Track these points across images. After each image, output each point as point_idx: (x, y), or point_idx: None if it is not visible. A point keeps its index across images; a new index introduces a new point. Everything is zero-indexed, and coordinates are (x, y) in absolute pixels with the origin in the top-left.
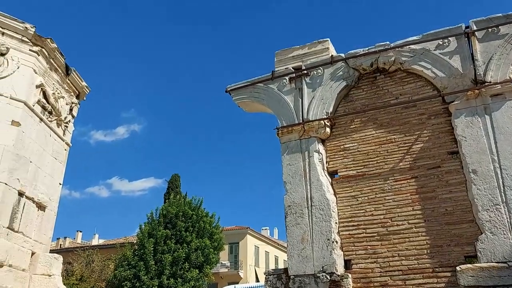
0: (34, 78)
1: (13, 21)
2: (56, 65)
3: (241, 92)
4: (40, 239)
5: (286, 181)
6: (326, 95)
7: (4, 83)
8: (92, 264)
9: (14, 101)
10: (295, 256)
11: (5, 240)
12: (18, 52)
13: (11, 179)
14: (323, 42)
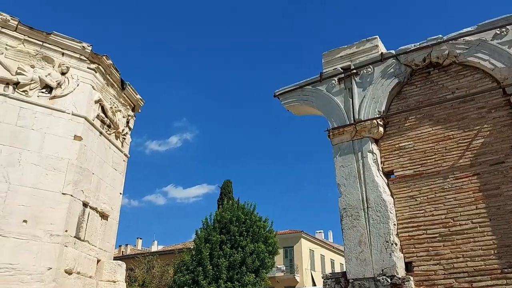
0: (93, 94)
1: (71, 41)
2: (112, 81)
3: (289, 96)
4: (104, 247)
5: (339, 183)
6: (378, 93)
7: (66, 100)
8: (152, 270)
9: (76, 117)
10: (353, 259)
11: (73, 248)
12: (77, 70)
13: (76, 191)
14: (371, 40)
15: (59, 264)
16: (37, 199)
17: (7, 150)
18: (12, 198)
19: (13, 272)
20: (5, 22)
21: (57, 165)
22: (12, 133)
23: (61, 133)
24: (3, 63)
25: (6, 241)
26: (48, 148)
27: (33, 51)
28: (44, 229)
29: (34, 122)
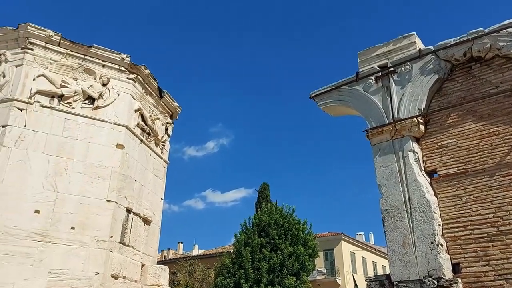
0: (132, 103)
1: (111, 53)
2: (151, 89)
3: (325, 97)
4: (148, 252)
5: (380, 184)
6: (417, 91)
7: (107, 110)
8: (194, 274)
9: (117, 126)
10: (397, 262)
11: (118, 254)
12: (117, 81)
13: (119, 198)
14: (408, 37)
15: (106, 269)
16: (84, 206)
17: (54, 160)
18: (60, 206)
19: (63, 277)
20: (49, 37)
21: (101, 173)
22: (59, 143)
23: (104, 142)
24: (48, 77)
25: (56, 248)
26: (92, 157)
27: (76, 64)
28: (91, 235)
29: (79, 133)
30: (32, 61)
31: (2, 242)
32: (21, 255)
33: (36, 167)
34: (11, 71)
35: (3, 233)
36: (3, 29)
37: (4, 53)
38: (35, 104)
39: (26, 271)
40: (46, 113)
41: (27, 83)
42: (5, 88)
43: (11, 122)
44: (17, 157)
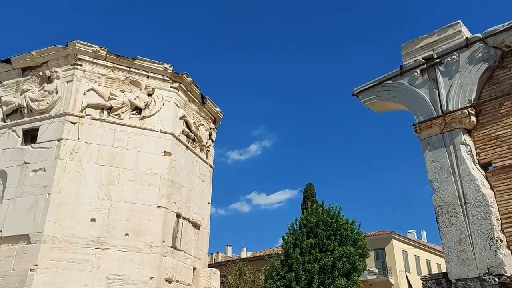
0: (177, 111)
1: (154, 64)
2: (193, 97)
3: (369, 93)
4: (199, 255)
5: (432, 179)
6: (466, 81)
7: (154, 120)
8: (244, 276)
9: (164, 134)
10: (454, 259)
11: (170, 258)
12: (162, 90)
13: (169, 203)
14: (454, 26)
15: (159, 273)
16: (136, 213)
17: (106, 170)
18: (114, 214)
19: (120, 282)
20: (96, 53)
21: (151, 180)
22: (110, 154)
23: (152, 150)
24: (97, 90)
25: (113, 254)
26: (142, 165)
27: (122, 77)
28: (144, 240)
29: (128, 142)
30: (82, 76)
31: (63, 250)
32: (80, 262)
33: (90, 177)
34: (63, 87)
35: (63, 242)
36: (53, 47)
37: (55, 70)
38: (86, 117)
39: (86, 277)
40: (97, 125)
41: (78, 97)
42: (58, 104)
43: (65, 136)
44: (72, 168)
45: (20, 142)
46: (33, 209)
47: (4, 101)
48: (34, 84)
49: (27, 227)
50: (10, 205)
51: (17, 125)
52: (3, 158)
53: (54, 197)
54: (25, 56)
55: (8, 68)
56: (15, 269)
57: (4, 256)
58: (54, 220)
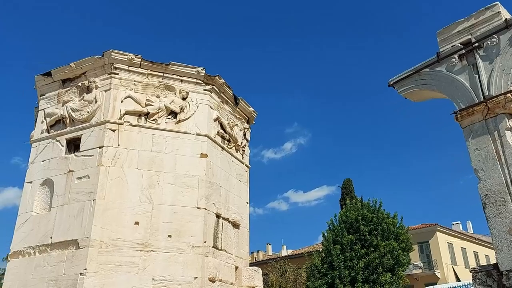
0: (211, 113)
1: (187, 68)
2: (226, 98)
3: (406, 83)
4: (240, 254)
5: (476, 168)
6: (508, 64)
7: (189, 123)
8: (286, 274)
9: (200, 136)
10: (504, 250)
11: (213, 258)
12: (195, 94)
13: (208, 204)
14: (491, 8)
15: (203, 273)
16: (177, 215)
17: (147, 174)
18: (157, 217)
19: (165, 283)
20: (131, 61)
21: (189, 183)
22: (149, 158)
23: (189, 153)
24: (134, 97)
25: (157, 256)
26: (180, 168)
27: (157, 83)
28: (186, 241)
29: (166, 146)
30: (119, 84)
31: (110, 254)
32: (127, 264)
33: (132, 182)
34: (101, 96)
35: (109, 245)
36: (90, 58)
37: (94, 80)
38: (125, 124)
39: (133, 279)
40: (136, 131)
41: (116, 105)
42: (98, 112)
43: (106, 143)
44: (114, 174)
45: (64, 151)
46: (80, 215)
47: (48, 112)
48: (74, 94)
49: (75, 232)
50: (58, 212)
51: (61, 135)
52: (49, 167)
53: (99, 203)
54: (64, 68)
55: (49, 80)
56: (66, 274)
57: (55, 261)
58: (100, 224)
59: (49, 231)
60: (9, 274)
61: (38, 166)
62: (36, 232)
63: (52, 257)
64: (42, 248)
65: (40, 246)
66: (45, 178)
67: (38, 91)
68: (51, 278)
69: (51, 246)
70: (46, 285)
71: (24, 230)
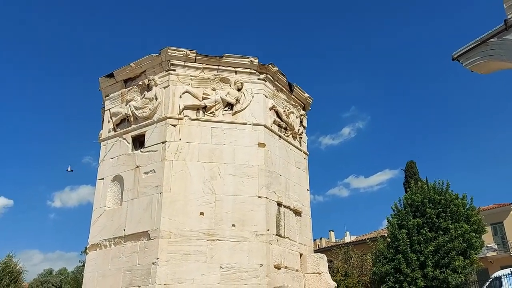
0: (266, 102)
1: (240, 59)
2: (281, 86)
3: (471, 55)
4: (303, 242)
5: None
6: None
7: (245, 113)
8: (351, 260)
9: (256, 126)
10: None
11: (277, 245)
12: (249, 84)
13: (269, 193)
14: None
15: (268, 261)
16: (239, 205)
17: (208, 166)
18: (220, 207)
19: (232, 271)
20: (186, 56)
21: (249, 172)
22: (209, 150)
23: (247, 143)
24: (191, 92)
25: (223, 245)
26: (239, 159)
27: (212, 76)
28: (249, 230)
29: (224, 138)
30: (176, 80)
31: (179, 244)
32: (195, 253)
33: (194, 174)
34: (161, 92)
35: (178, 236)
36: (149, 57)
37: (153, 78)
38: (184, 118)
39: (202, 267)
40: (195, 125)
41: (176, 101)
42: (159, 109)
43: (168, 138)
44: (178, 168)
45: (130, 148)
46: (149, 208)
47: (113, 112)
48: (136, 93)
49: (145, 224)
50: (129, 206)
51: (126, 133)
52: (118, 164)
53: (166, 196)
54: (125, 68)
55: (112, 81)
56: (140, 263)
57: (129, 252)
58: (168, 216)
59: (122, 224)
60: (89, 265)
61: (108, 163)
62: (110, 226)
63: (126, 249)
64: (117, 240)
65: (114, 238)
66: (115, 174)
67: (103, 92)
68: (126, 268)
69: (124, 238)
70: (123, 274)
71: (99, 224)
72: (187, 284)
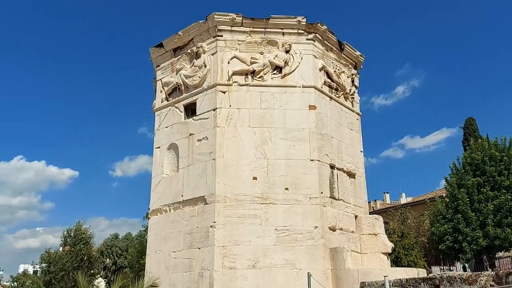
0: (316, 63)
1: (287, 19)
2: (330, 45)
3: None
4: (358, 203)
5: None
6: None
7: (294, 76)
8: (407, 221)
9: (306, 88)
10: None
11: (331, 207)
12: (298, 45)
13: (321, 156)
14: None
15: (323, 223)
16: (291, 168)
17: (259, 131)
18: (272, 171)
19: (287, 233)
20: (233, 20)
21: (300, 136)
22: (259, 115)
23: (297, 106)
24: (239, 57)
25: (277, 208)
26: (289, 122)
27: (259, 39)
28: (303, 193)
29: (274, 102)
30: (224, 46)
31: (234, 208)
32: (250, 216)
33: (246, 139)
34: (209, 59)
35: (233, 200)
36: (196, 24)
37: (201, 46)
38: (233, 84)
39: (257, 230)
40: (244, 90)
41: (224, 67)
42: (208, 76)
43: (219, 105)
44: (230, 134)
45: (183, 117)
46: (204, 174)
47: (164, 82)
48: (185, 61)
49: (201, 190)
50: (185, 173)
51: (178, 101)
52: (172, 133)
53: (219, 162)
54: (174, 37)
55: (162, 51)
56: (198, 227)
57: (188, 216)
58: (223, 181)
59: (179, 190)
60: (151, 229)
61: (163, 132)
62: (169, 192)
63: (184, 213)
64: (176, 206)
65: (173, 204)
66: (170, 142)
67: (154, 62)
68: (186, 231)
69: (182, 203)
70: (183, 237)
71: (158, 190)
72: (244, 246)
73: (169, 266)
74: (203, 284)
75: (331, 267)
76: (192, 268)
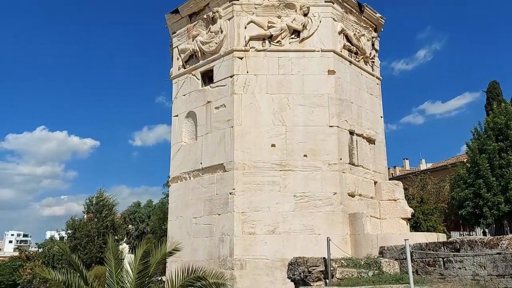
0: (335, 26)
1: None
2: (350, 7)
3: None
4: (378, 169)
5: None
6: None
7: (313, 40)
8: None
9: (325, 53)
10: None
11: (350, 174)
12: (316, 7)
13: (340, 122)
14: None
15: (341, 189)
16: (310, 135)
17: (277, 97)
18: (291, 138)
19: (306, 199)
20: None
21: (319, 102)
22: (277, 82)
23: (316, 71)
24: (256, 21)
25: (296, 174)
26: (308, 88)
27: (276, 2)
28: (322, 159)
29: (292, 68)
30: (240, 10)
31: (253, 175)
32: (269, 183)
33: (264, 106)
34: (226, 24)
35: (251, 167)
36: None
37: (217, 10)
38: (251, 50)
39: (276, 196)
40: (261, 56)
41: (241, 32)
42: (225, 42)
43: (236, 71)
44: (247, 101)
45: (200, 84)
46: (222, 142)
47: (181, 49)
48: (202, 27)
49: (220, 157)
50: (204, 140)
51: (195, 69)
52: (190, 100)
53: (237, 129)
54: (189, 3)
55: (177, 18)
56: (218, 194)
57: (207, 183)
58: (241, 149)
59: (198, 158)
60: (172, 196)
61: (181, 100)
62: (188, 160)
63: (204, 180)
64: (195, 173)
65: (193, 171)
66: (188, 110)
67: (170, 29)
68: (206, 198)
69: (202, 171)
70: (203, 204)
71: (178, 158)
72: (263, 212)
73: (190, 232)
74: (224, 249)
75: (350, 232)
76: (213, 234)
